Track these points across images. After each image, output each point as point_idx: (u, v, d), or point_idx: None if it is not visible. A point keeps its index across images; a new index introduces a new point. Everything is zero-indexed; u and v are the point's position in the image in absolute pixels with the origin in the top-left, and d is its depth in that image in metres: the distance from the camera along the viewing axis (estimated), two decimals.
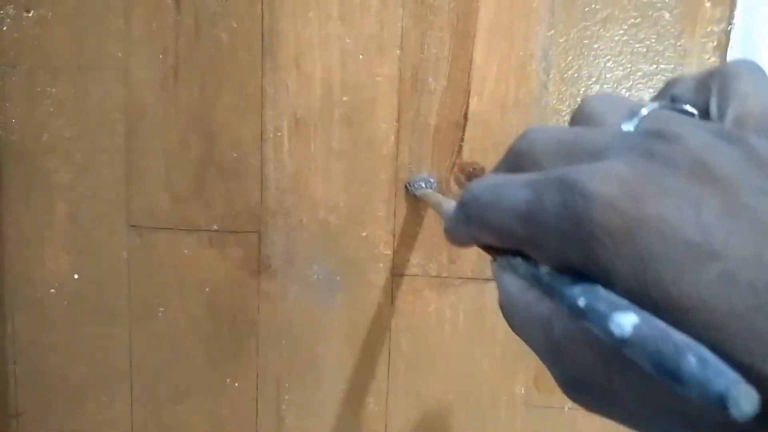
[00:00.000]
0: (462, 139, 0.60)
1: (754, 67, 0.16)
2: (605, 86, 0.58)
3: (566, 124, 0.57)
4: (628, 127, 0.15)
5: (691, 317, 0.11)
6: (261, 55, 0.60)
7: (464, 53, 0.59)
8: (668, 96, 0.17)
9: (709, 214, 0.11)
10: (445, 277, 0.62)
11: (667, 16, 0.57)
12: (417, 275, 0.62)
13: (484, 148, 0.60)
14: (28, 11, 0.62)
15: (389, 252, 0.62)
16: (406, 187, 0.61)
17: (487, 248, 0.18)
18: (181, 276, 0.64)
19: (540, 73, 0.59)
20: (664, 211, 0.12)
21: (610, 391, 0.13)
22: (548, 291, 0.14)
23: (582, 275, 0.13)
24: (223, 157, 0.62)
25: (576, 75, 0.58)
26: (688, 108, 0.16)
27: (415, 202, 0.61)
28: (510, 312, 0.17)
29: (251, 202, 0.62)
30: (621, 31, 0.58)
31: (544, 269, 0.14)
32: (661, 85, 0.57)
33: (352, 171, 0.61)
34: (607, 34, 0.58)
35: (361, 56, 0.60)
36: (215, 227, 0.63)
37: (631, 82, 0.58)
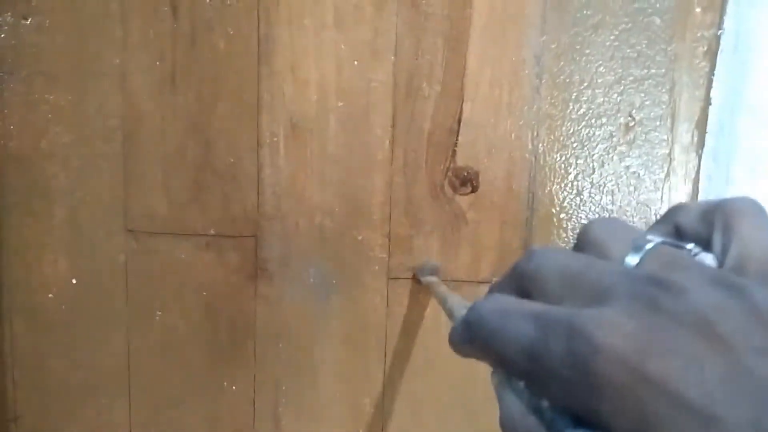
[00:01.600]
0: (456, 144, 0.60)
1: (756, 208, 0.16)
2: (597, 91, 0.59)
3: (559, 131, 0.58)
4: (633, 260, 0.15)
5: None
6: (257, 62, 0.61)
7: (458, 59, 0.59)
8: (671, 223, 0.18)
9: (712, 375, 0.11)
10: (441, 280, 0.62)
11: (657, 21, 0.58)
12: (412, 278, 0.63)
13: (478, 152, 0.60)
14: (26, 19, 0.62)
15: (385, 255, 0.63)
16: (414, 275, 0.62)
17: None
18: (178, 280, 0.65)
19: (532, 78, 0.59)
20: (668, 371, 0.12)
21: None
22: (549, 426, 0.14)
23: (583, 419, 0.13)
24: (220, 162, 0.63)
25: (568, 80, 0.59)
26: (691, 248, 0.16)
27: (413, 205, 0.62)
28: (508, 429, 0.16)
29: (248, 206, 0.63)
30: (612, 37, 0.58)
31: (545, 403, 0.14)
32: (651, 89, 0.58)
33: (348, 176, 0.62)
34: (599, 40, 0.58)
35: (356, 62, 0.60)
36: (212, 232, 0.64)
37: (622, 87, 0.59)
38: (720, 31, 0.58)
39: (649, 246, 0.15)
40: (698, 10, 0.57)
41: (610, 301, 0.13)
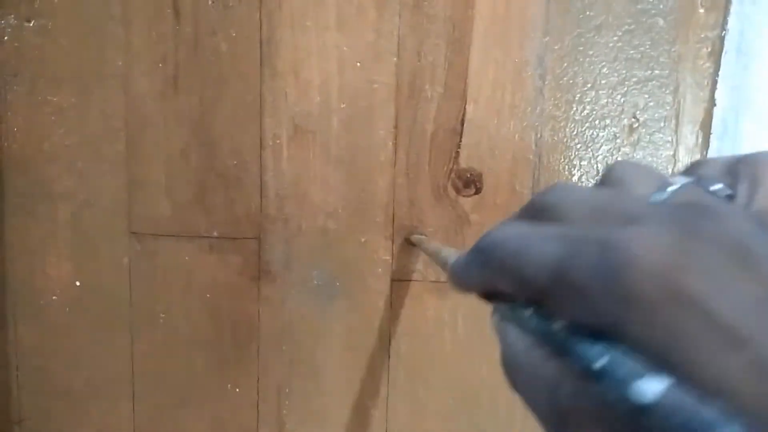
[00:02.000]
0: (459, 146, 0.60)
1: None
2: (600, 92, 0.59)
3: (563, 132, 0.58)
4: (660, 197, 0.15)
5: (718, 399, 0.11)
6: (260, 64, 0.61)
7: (460, 60, 0.59)
8: (695, 175, 0.17)
9: (747, 298, 0.11)
10: (444, 282, 0.62)
11: (661, 22, 0.58)
12: (416, 280, 0.63)
13: (481, 154, 0.60)
14: (29, 21, 0.62)
15: (388, 257, 0.63)
16: (407, 238, 0.62)
17: (491, 297, 0.18)
18: (182, 282, 0.65)
19: (536, 79, 0.59)
20: (703, 289, 0.11)
21: None
22: (560, 349, 0.14)
23: (599, 337, 0.12)
24: (223, 164, 0.63)
25: (571, 81, 0.59)
26: (718, 188, 0.16)
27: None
28: (512, 369, 0.16)
29: (251, 208, 0.63)
30: (615, 38, 0.58)
31: (558, 325, 0.14)
32: (655, 90, 0.58)
33: (351, 177, 0.62)
34: (602, 41, 0.58)
35: (358, 64, 0.60)
36: (215, 234, 0.64)
37: (626, 88, 0.59)
38: (724, 32, 0.57)
39: (675, 187, 0.15)
40: (702, 11, 0.57)
41: (643, 224, 0.13)
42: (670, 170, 0.60)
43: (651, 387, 0.11)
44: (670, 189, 0.15)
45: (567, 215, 0.15)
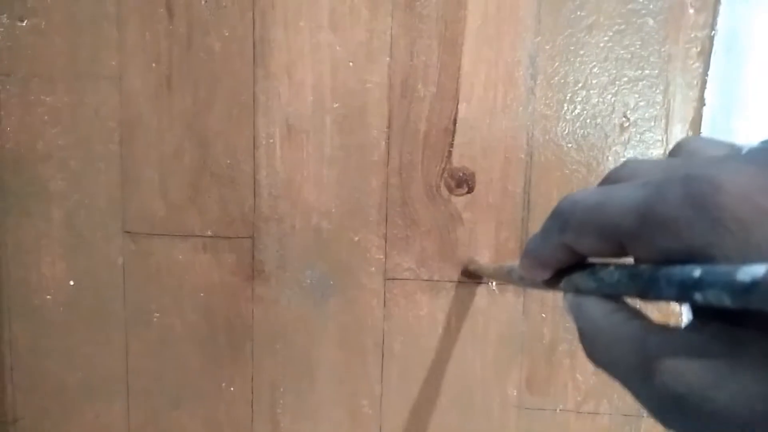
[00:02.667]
0: (451, 145, 0.61)
1: None
2: (591, 92, 0.59)
3: (554, 131, 0.58)
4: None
5: None
6: (253, 64, 0.61)
7: (452, 60, 0.60)
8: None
9: None
10: (437, 280, 0.63)
11: (651, 22, 0.58)
12: (409, 279, 0.63)
13: (473, 153, 0.61)
14: (22, 21, 0.62)
15: (381, 256, 0.63)
16: (464, 272, 0.63)
17: (564, 273, 0.19)
18: (176, 282, 0.65)
19: (527, 79, 0.59)
20: None
21: (718, 403, 0.12)
22: (650, 283, 0.14)
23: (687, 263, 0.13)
24: (217, 164, 0.63)
25: (563, 81, 0.59)
26: None
27: (406, 207, 0.62)
28: (593, 337, 0.16)
29: (245, 208, 0.63)
30: (606, 38, 0.58)
31: (644, 266, 0.15)
32: (645, 90, 0.58)
33: (344, 177, 0.62)
34: (593, 41, 0.59)
35: (351, 64, 0.61)
36: (209, 233, 0.64)
37: (616, 88, 0.59)
38: (713, 32, 0.58)
39: (750, 146, 0.15)
40: (691, 11, 0.58)
41: (724, 162, 0.14)
42: None
43: (756, 269, 0.11)
44: (743, 149, 0.15)
45: (644, 177, 0.16)
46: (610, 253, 0.16)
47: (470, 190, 0.61)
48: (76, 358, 0.67)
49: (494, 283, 0.62)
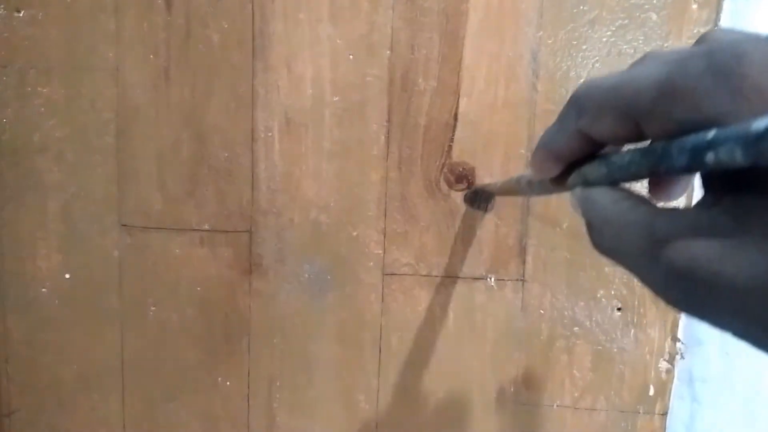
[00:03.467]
0: (452, 140, 0.60)
1: None
2: None
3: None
4: None
5: None
6: (252, 56, 0.61)
7: (454, 54, 0.59)
8: None
9: None
10: (435, 276, 0.62)
11: (654, 17, 0.58)
12: (407, 274, 0.63)
13: (474, 148, 0.60)
14: (19, 11, 0.62)
15: (380, 251, 0.63)
16: (470, 199, 0.61)
17: (575, 166, 0.19)
18: (172, 275, 0.64)
19: (529, 74, 0.59)
20: None
21: (723, 276, 0.13)
22: (661, 157, 0.14)
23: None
24: (215, 157, 0.62)
25: (565, 76, 0.59)
26: None
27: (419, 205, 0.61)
28: (601, 226, 0.17)
29: (242, 201, 0.63)
30: (609, 33, 0.58)
31: (656, 143, 0.15)
32: None
33: (343, 171, 0.62)
34: (595, 36, 0.58)
35: (351, 57, 0.60)
36: (206, 227, 0.63)
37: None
38: (716, 28, 0.57)
39: None
40: (694, 6, 0.57)
41: (746, 37, 0.14)
42: None
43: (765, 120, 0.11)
44: None
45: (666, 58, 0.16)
46: (627, 136, 0.16)
47: (470, 186, 0.61)
48: (72, 351, 0.66)
49: (493, 279, 0.62)
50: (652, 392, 0.62)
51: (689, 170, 0.14)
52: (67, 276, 0.65)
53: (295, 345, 0.65)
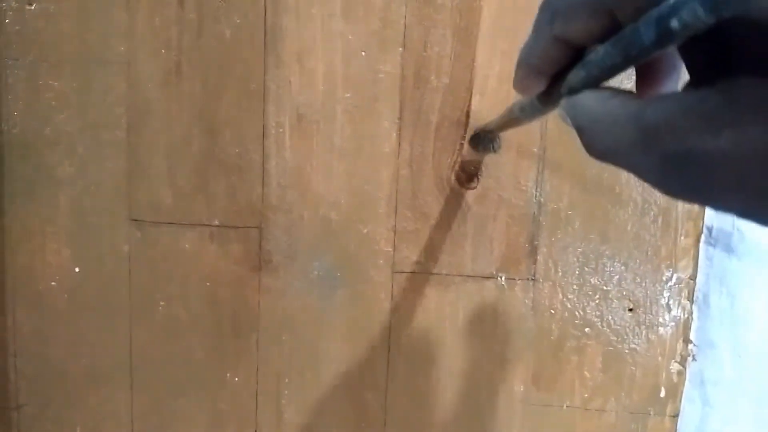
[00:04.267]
0: (464, 138, 0.60)
1: None
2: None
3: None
4: None
5: None
6: (263, 51, 0.60)
7: (467, 51, 0.59)
8: None
9: None
10: (446, 274, 0.62)
11: None
12: (417, 272, 0.62)
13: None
14: (31, 4, 0.62)
15: (390, 249, 0.62)
16: (474, 142, 0.58)
17: (560, 76, 0.19)
18: (182, 271, 0.64)
19: None
20: None
21: (713, 153, 0.13)
22: (631, 40, 0.14)
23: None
24: (225, 152, 0.62)
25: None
26: None
27: (419, 199, 0.61)
28: (592, 128, 0.17)
29: (253, 197, 0.63)
30: None
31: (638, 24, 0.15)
32: None
33: (354, 168, 0.61)
34: None
35: (363, 53, 0.60)
36: (216, 222, 0.63)
37: (632, 82, 0.58)
38: None
39: None
40: None
41: None
42: None
43: None
44: None
45: None
46: (603, 32, 0.16)
47: (478, 180, 0.60)
48: (81, 346, 0.67)
49: (503, 278, 0.62)
50: (663, 394, 0.62)
51: (660, 45, 0.14)
52: (77, 270, 0.65)
53: (304, 342, 0.64)
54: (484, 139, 0.56)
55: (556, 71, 0.20)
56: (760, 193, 0.13)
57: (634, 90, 0.19)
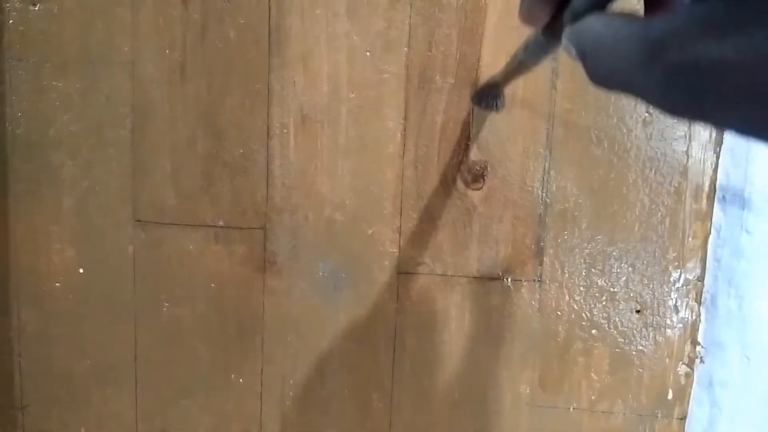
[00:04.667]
0: (469, 138, 0.60)
1: None
2: None
3: (575, 126, 0.56)
4: None
5: None
6: (268, 52, 0.60)
7: (472, 51, 0.58)
8: None
9: None
10: (451, 276, 0.62)
11: None
12: (423, 274, 0.62)
13: (491, 146, 0.60)
14: (35, 5, 0.62)
15: (395, 250, 0.62)
16: (477, 98, 0.57)
17: (558, 18, 0.19)
18: (186, 271, 0.64)
19: (548, 72, 0.58)
20: None
21: (719, 61, 0.12)
22: None
23: None
24: (230, 153, 0.62)
25: (584, 75, 0.58)
26: None
27: (423, 200, 0.61)
28: (597, 50, 0.17)
29: (257, 198, 0.62)
30: None
31: None
32: None
33: (359, 168, 0.61)
34: None
35: (368, 53, 0.59)
36: (221, 223, 0.63)
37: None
38: None
39: None
40: None
41: None
42: (683, 165, 0.59)
43: None
44: None
45: None
46: None
47: (484, 179, 0.60)
48: (85, 346, 0.66)
49: (509, 279, 0.61)
50: (670, 396, 0.61)
51: None
52: (81, 271, 0.65)
53: (309, 343, 0.64)
54: (487, 95, 0.54)
55: (559, 1, 0.20)
56: (763, 103, 0.12)
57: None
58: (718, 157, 0.59)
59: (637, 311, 0.60)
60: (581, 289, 0.61)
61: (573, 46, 0.19)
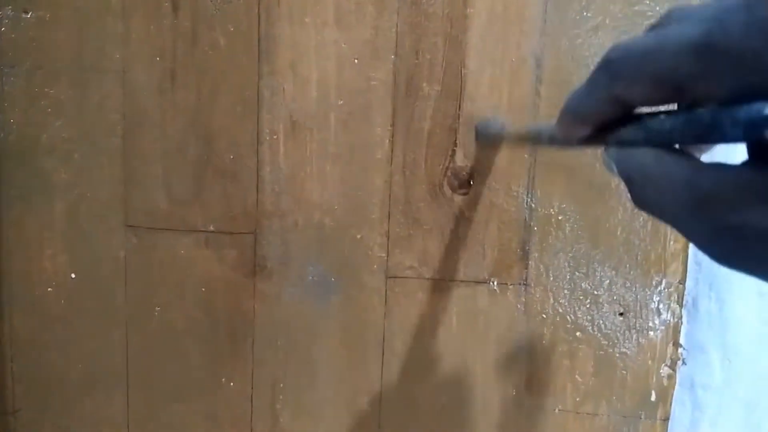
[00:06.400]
0: (455, 144, 0.61)
1: None
2: None
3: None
4: None
5: None
6: (257, 59, 0.61)
7: (458, 59, 0.59)
8: None
9: None
10: (439, 279, 0.63)
11: None
12: (411, 278, 0.63)
13: (477, 153, 0.60)
14: (27, 12, 0.62)
15: (383, 254, 0.63)
16: (478, 132, 0.59)
17: (605, 129, 0.19)
18: (177, 276, 0.65)
19: (532, 78, 0.59)
20: None
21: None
22: (711, 128, 0.14)
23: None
24: (220, 159, 0.63)
25: (568, 81, 0.59)
26: None
27: (412, 205, 0.62)
28: (643, 183, 0.17)
29: (247, 203, 0.63)
30: (612, 40, 0.58)
31: (700, 111, 0.14)
32: None
33: (347, 174, 0.62)
34: (599, 42, 0.58)
35: (356, 61, 0.60)
36: (212, 228, 0.64)
37: None
38: None
39: None
40: None
41: None
42: None
43: None
44: None
45: (697, 14, 0.15)
46: (663, 99, 0.16)
47: (470, 185, 0.61)
48: (77, 351, 0.67)
49: (495, 283, 0.62)
50: (653, 398, 0.62)
51: (742, 141, 0.13)
52: (73, 276, 0.66)
53: (299, 347, 0.65)
54: (489, 137, 0.56)
55: (603, 123, 0.20)
56: None
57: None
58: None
59: (621, 314, 0.61)
60: (566, 292, 0.62)
61: (616, 167, 0.18)
